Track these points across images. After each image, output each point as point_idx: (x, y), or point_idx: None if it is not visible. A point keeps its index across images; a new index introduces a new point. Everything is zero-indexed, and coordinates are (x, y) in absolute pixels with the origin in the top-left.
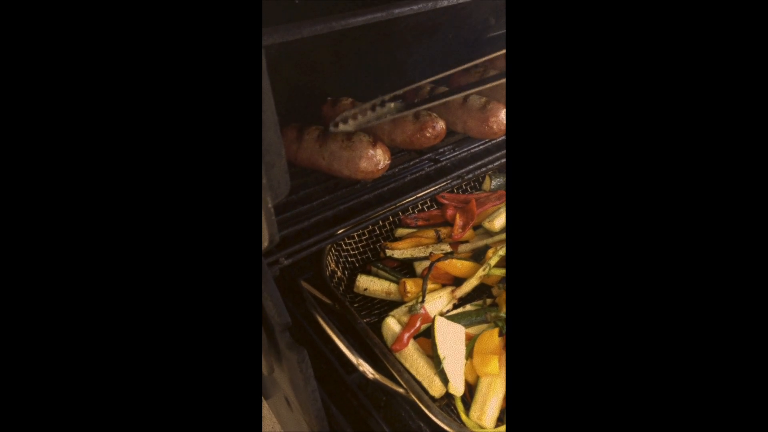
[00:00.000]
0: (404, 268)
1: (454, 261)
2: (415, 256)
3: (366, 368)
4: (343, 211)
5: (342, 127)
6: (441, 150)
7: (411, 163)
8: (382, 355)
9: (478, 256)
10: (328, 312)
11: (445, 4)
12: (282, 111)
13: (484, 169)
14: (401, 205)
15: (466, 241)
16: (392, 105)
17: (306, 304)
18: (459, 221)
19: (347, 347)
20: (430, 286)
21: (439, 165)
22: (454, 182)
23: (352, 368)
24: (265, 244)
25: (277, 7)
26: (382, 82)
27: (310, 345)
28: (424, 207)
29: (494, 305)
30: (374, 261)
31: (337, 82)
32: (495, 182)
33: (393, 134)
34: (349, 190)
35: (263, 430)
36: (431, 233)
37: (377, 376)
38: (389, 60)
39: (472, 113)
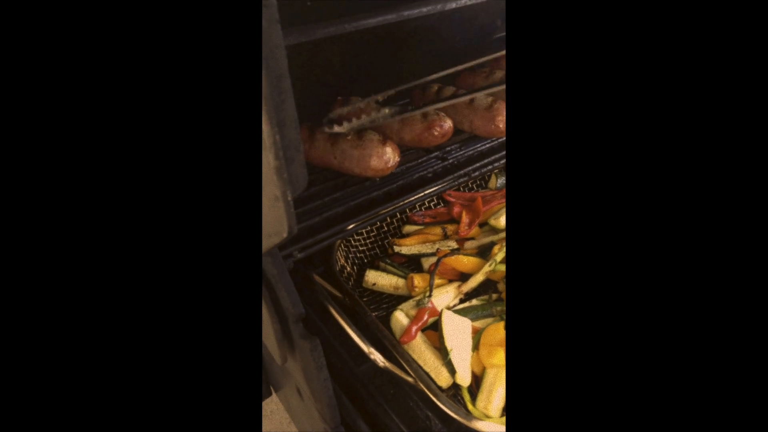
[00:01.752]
0: (411, 264)
1: (460, 257)
2: (422, 252)
3: (377, 357)
4: (352, 208)
5: (336, 128)
6: (448, 148)
7: (419, 161)
8: (391, 346)
9: (484, 253)
10: (339, 305)
11: (453, 6)
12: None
13: (490, 168)
14: (408, 202)
15: (472, 238)
16: (387, 110)
17: (319, 297)
18: (465, 218)
19: (359, 336)
20: (437, 281)
21: (446, 163)
22: (461, 180)
23: (362, 360)
24: (284, 235)
25: (287, 8)
26: (391, 83)
27: (321, 338)
28: (431, 204)
29: (500, 300)
30: (382, 257)
31: (348, 82)
32: (500, 180)
33: (402, 133)
34: (359, 187)
35: (273, 427)
36: (438, 230)
37: (388, 365)
38: (398, 60)
39: (479, 112)
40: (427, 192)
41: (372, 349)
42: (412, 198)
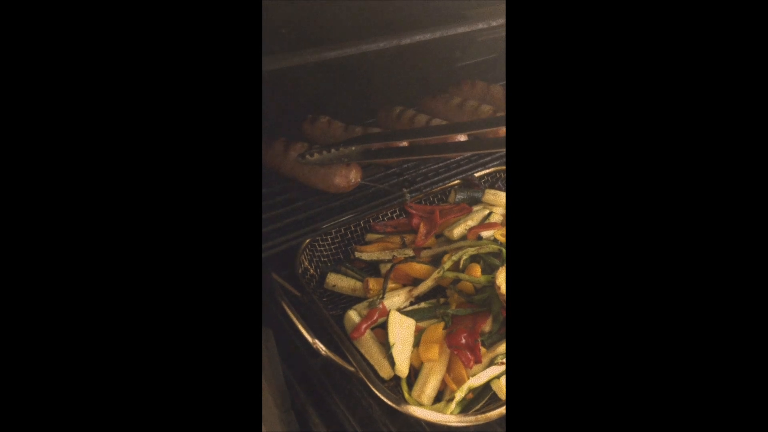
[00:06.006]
0: (371, 269)
1: (413, 263)
2: (380, 258)
3: (320, 346)
4: (313, 216)
5: (308, 159)
6: (405, 165)
7: (377, 176)
8: (339, 340)
9: (438, 261)
10: (296, 304)
11: (408, 42)
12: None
13: (441, 185)
14: (365, 216)
15: (429, 248)
16: (353, 148)
17: (275, 295)
18: (423, 229)
19: (305, 328)
20: (390, 285)
21: (402, 178)
22: (414, 195)
23: (316, 354)
24: None
25: (265, 38)
26: (358, 104)
27: (281, 334)
28: (394, 215)
29: (446, 304)
30: (344, 261)
31: (319, 102)
32: (459, 196)
33: None
34: (321, 198)
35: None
36: (398, 239)
37: (330, 354)
38: (365, 85)
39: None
40: (382, 208)
41: (315, 340)
42: (369, 212)
